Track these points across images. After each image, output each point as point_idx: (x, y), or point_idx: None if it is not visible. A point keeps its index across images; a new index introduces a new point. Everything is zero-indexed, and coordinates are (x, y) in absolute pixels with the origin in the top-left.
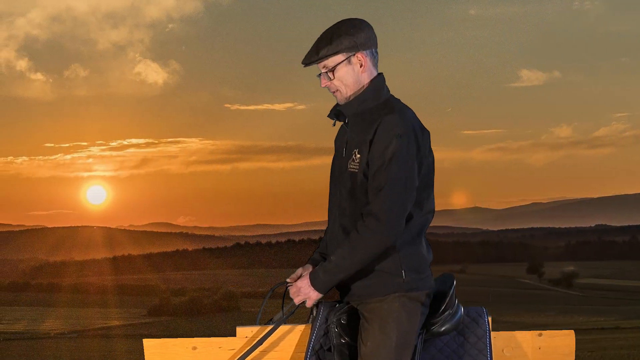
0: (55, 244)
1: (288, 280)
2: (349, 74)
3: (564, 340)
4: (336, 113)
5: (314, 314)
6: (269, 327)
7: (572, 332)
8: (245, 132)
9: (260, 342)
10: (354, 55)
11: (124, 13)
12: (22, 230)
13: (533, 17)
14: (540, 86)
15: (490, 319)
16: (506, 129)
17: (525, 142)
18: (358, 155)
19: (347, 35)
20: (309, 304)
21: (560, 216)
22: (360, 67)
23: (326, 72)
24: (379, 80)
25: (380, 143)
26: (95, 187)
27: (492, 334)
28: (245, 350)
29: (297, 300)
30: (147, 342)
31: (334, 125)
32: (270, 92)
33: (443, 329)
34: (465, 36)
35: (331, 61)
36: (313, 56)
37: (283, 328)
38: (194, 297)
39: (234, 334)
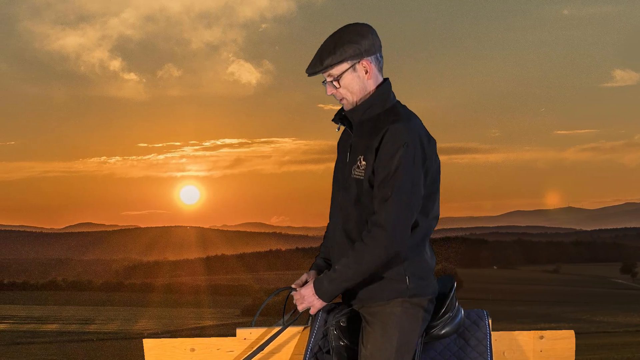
0: (148, 244)
1: (293, 286)
2: (355, 82)
3: (564, 343)
4: (341, 117)
5: (313, 316)
6: (272, 331)
7: (572, 332)
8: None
9: (262, 347)
10: (359, 62)
11: (217, 13)
12: (115, 230)
13: (626, 16)
14: (633, 86)
15: (490, 321)
16: (599, 129)
17: (618, 142)
18: (363, 162)
19: (351, 43)
20: (312, 311)
21: None
22: (366, 73)
23: (331, 81)
24: (385, 86)
25: (387, 151)
26: (189, 187)
27: (493, 336)
28: (247, 355)
29: (300, 308)
30: (147, 343)
31: (339, 130)
32: None
33: (443, 331)
34: (558, 36)
35: (336, 70)
36: (317, 66)
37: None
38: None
39: None
